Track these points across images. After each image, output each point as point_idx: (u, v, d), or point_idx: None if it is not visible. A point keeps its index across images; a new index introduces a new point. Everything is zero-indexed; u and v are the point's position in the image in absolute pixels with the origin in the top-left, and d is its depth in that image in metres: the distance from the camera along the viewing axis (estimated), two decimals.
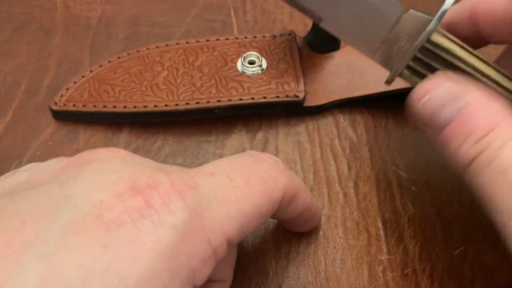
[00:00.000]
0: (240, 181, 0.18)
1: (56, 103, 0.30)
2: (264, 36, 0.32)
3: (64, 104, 0.30)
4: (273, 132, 0.30)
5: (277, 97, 0.29)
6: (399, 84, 0.30)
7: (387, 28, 0.21)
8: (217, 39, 0.32)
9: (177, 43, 0.32)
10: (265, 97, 0.29)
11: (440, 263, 0.25)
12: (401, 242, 0.26)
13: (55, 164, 0.18)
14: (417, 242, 0.26)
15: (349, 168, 0.29)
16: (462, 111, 0.18)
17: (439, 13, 0.20)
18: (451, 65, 0.20)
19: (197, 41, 0.32)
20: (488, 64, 0.21)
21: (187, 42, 0.32)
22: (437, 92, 0.19)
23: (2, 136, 0.30)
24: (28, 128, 0.30)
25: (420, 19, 0.21)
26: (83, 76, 0.31)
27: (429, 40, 0.20)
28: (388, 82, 0.21)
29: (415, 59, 0.21)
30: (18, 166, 0.28)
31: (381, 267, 0.25)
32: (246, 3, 0.37)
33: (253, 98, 0.29)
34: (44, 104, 0.31)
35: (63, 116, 0.30)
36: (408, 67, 0.21)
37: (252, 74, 0.30)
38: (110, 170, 0.16)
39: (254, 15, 0.37)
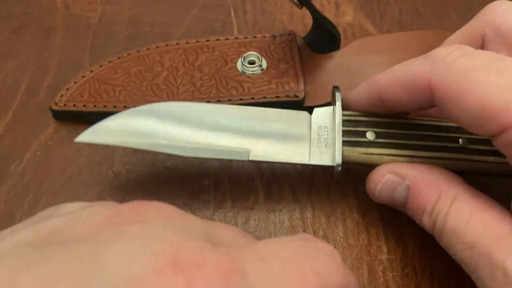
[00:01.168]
0: (294, 274, 0.16)
1: (56, 103, 0.30)
2: (264, 36, 0.32)
3: (64, 104, 0.30)
4: None
5: (277, 97, 0.29)
6: None
7: (307, 131, 0.25)
8: (217, 39, 0.32)
9: (177, 43, 0.32)
10: (265, 97, 0.29)
11: (440, 262, 0.25)
12: (401, 241, 0.26)
13: (97, 214, 0.16)
14: (417, 242, 0.26)
15: (348, 168, 0.29)
16: (410, 193, 0.22)
17: (338, 100, 0.25)
18: (365, 124, 0.25)
19: (197, 41, 0.32)
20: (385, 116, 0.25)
21: (187, 42, 0.32)
22: (384, 182, 0.23)
23: (3, 136, 0.30)
24: (28, 128, 0.30)
25: (326, 110, 0.25)
26: (83, 76, 0.31)
27: (344, 115, 0.25)
28: (338, 167, 0.24)
29: (344, 133, 0.24)
30: (18, 166, 0.28)
31: (381, 267, 0.25)
32: (246, 3, 0.37)
33: (253, 98, 0.29)
34: (44, 104, 0.31)
35: (63, 116, 0.30)
36: (344, 142, 0.24)
37: (252, 74, 0.30)
38: (153, 237, 0.14)
39: (254, 15, 0.37)
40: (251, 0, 0.38)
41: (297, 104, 0.29)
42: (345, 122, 0.25)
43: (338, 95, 0.25)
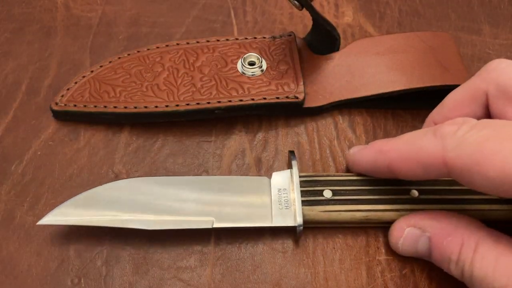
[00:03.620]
0: None
1: (57, 103, 0.30)
2: (264, 37, 0.32)
3: (65, 104, 0.30)
4: (272, 132, 0.31)
5: (277, 98, 0.29)
6: (398, 85, 0.30)
7: (267, 195, 0.26)
8: (217, 40, 0.32)
9: (178, 44, 0.32)
10: (265, 98, 0.29)
11: None
12: None
13: None
14: None
15: (348, 169, 0.29)
16: (432, 245, 0.23)
17: (294, 166, 0.26)
18: (322, 184, 0.26)
19: (197, 42, 0.32)
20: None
21: (188, 43, 0.32)
22: (405, 237, 0.24)
23: (3, 136, 0.30)
24: (29, 128, 0.30)
25: (284, 174, 0.27)
26: (83, 76, 0.31)
27: (300, 177, 0.26)
28: (299, 228, 0.25)
29: (302, 193, 0.25)
30: (18, 166, 0.28)
31: (380, 268, 0.25)
32: (246, 4, 0.37)
33: (253, 99, 0.29)
34: (45, 104, 0.31)
35: (63, 116, 0.30)
36: (303, 202, 0.25)
37: (252, 75, 0.30)
38: None
39: (254, 16, 0.37)
40: (251, 1, 0.38)
41: (296, 106, 0.30)
42: (302, 183, 0.26)
43: (294, 162, 0.27)
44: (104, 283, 0.25)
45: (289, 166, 0.27)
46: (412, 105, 0.32)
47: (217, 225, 0.25)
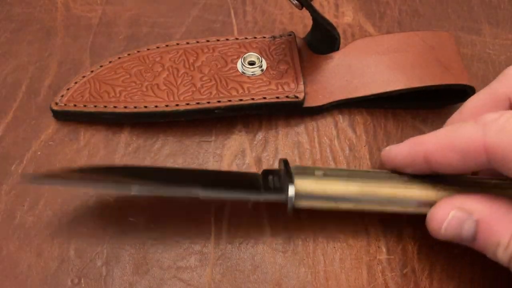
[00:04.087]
0: None
1: (57, 103, 0.30)
2: (264, 37, 0.32)
3: (65, 104, 0.30)
4: (272, 132, 0.31)
5: (277, 98, 0.29)
6: (398, 84, 0.30)
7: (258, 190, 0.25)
8: (217, 40, 0.32)
9: (178, 44, 0.32)
10: (265, 98, 0.29)
11: (439, 262, 0.25)
12: (400, 241, 0.26)
13: None
14: (416, 242, 0.26)
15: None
16: (479, 229, 0.22)
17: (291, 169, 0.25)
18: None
19: (197, 42, 0.32)
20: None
21: (188, 43, 0.32)
22: (450, 220, 0.23)
23: (3, 136, 0.30)
24: (28, 128, 0.30)
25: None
26: (83, 77, 0.31)
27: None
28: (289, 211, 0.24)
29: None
30: (18, 166, 0.28)
31: (380, 267, 0.25)
32: (246, 4, 0.37)
33: (253, 99, 0.29)
34: (44, 104, 0.31)
35: (63, 116, 0.30)
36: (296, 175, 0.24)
37: (252, 74, 0.30)
38: None
39: (254, 16, 0.37)
40: (251, 0, 0.38)
41: (296, 105, 0.30)
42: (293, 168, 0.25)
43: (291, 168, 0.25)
44: (104, 283, 0.25)
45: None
46: (412, 105, 0.32)
47: (203, 194, 0.24)
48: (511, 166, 0.20)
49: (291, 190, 0.23)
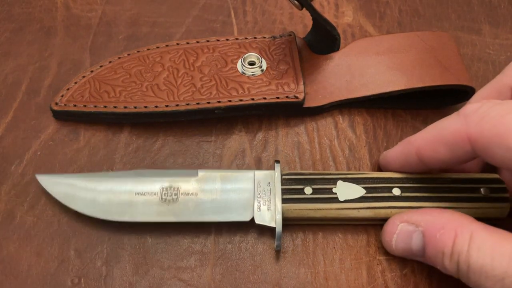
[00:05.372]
0: None
1: (56, 103, 0.30)
2: (264, 37, 0.32)
3: (65, 104, 0.30)
4: (272, 132, 0.31)
5: (277, 98, 0.29)
6: (398, 85, 0.30)
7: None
8: (217, 40, 0.32)
9: (178, 44, 0.32)
10: (265, 98, 0.29)
11: None
12: None
13: None
14: None
15: (348, 169, 0.29)
16: (425, 239, 0.23)
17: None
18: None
19: (197, 42, 0.32)
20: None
21: (188, 43, 0.32)
22: (399, 233, 0.24)
23: (3, 136, 0.30)
24: (28, 128, 0.30)
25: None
26: (83, 76, 0.31)
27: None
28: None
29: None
30: (19, 165, 0.28)
31: (380, 267, 0.25)
32: (246, 4, 0.37)
33: (253, 99, 0.29)
34: (44, 104, 0.31)
35: (63, 116, 0.30)
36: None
37: (252, 75, 0.30)
38: None
39: (254, 16, 0.37)
40: (251, 0, 0.38)
41: (296, 105, 0.30)
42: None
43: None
44: (104, 283, 0.25)
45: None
46: (412, 105, 0.32)
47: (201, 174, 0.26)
48: (493, 153, 0.21)
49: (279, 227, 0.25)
